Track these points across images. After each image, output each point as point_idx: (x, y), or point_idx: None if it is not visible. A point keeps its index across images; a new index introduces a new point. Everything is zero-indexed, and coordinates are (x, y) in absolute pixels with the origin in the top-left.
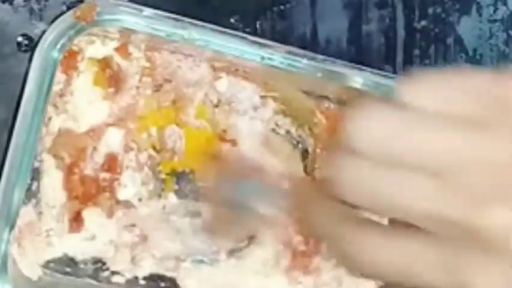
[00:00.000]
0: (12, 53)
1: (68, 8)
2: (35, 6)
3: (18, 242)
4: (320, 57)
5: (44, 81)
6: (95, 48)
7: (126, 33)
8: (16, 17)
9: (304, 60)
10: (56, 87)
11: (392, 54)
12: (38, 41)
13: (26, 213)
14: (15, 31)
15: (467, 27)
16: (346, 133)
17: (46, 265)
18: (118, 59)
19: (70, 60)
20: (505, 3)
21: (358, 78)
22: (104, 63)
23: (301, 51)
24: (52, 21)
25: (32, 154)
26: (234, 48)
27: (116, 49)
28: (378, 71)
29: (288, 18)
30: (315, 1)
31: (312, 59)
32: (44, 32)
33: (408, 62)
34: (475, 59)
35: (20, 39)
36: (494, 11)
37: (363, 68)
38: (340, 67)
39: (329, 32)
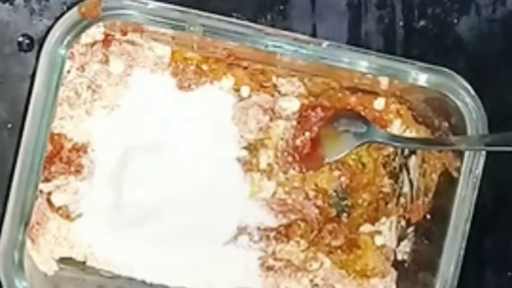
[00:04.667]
0: (13, 52)
1: (69, 8)
2: (36, 7)
3: (33, 238)
4: (326, 42)
5: (52, 79)
6: None
7: None
8: (17, 17)
9: (310, 46)
10: None
11: (391, 53)
12: (44, 38)
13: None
14: (16, 31)
15: (466, 27)
16: None
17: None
18: None
19: None
20: (504, 4)
21: (364, 62)
22: None
23: (307, 38)
24: (56, 19)
25: (43, 152)
26: (240, 36)
27: None
28: (383, 54)
29: (288, 18)
30: (315, 1)
31: (318, 44)
32: (48, 30)
33: None
34: (474, 59)
35: (20, 39)
36: (493, 11)
37: (369, 51)
38: (345, 51)
39: (329, 32)
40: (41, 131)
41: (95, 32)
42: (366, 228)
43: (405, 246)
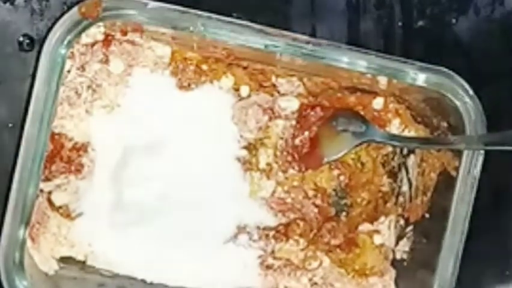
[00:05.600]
0: (13, 52)
1: (69, 8)
2: (36, 7)
3: (34, 238)
4: (325, 42)
5: (52, 78)
6: None
7: None
8: (17, 17)
9: (309, 46)
10: None
11: (390, 54)
12: (44, 38)
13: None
14: (16, 31)
15: (464, 27)
16: None
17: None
18: None
19: None
20: (502, 3)
21: (363, 61)
22: None
23: (306, 38)
24: (56, 19)
25: (43, 152)
26: (240, 36)
27: None
28: (382, 54)
29: (288, 18)
30: (315, 1)
31: (318, 44)
32: (48, 30)
33: None
34: (472, 59)
35: (21, 39)
36: (492, 11)
37: (368, 51)
38: (345, 51)
39: (328, 32)
40: (41, 130)
41: (95, 32)
42: (365, 227)
43: (404, 245)
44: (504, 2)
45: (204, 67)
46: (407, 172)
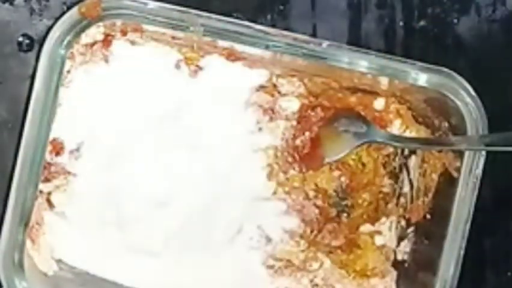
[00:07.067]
0: (13, 52)
1: (69, 8)
2: (36, 6)
3: (33, 238)
4: (326, 42)
5: (52, 79)
6: None
7: None
8: (17, 17)
9: (310, 46)
10: None
11: (391, 54)
12: (44, 38)
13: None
14: (16, 31)
15: (466, 27)
16: None
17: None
18: None
19: None
20: (504, 4)
21: (364, 62)
22: None
23: (307, 38)
24: (56, 19)
25: (43, 152)
26: (240, 36)
27: None
28: (383, 54)
29: (288, 18)
30: (315, 1)
31: (318, 45)
32: (48, 30)
33: None
34: (474, 59)
35: (20, 39)
36: (493, 11)
37: (369, 51)
38: (346, 51)
39: (329, 32)
40: (41, 131)
41: (95, 32)
42: (366, 228)
43: (405, 246)
44: (506, 2)
45: None
46: (408, 173)
